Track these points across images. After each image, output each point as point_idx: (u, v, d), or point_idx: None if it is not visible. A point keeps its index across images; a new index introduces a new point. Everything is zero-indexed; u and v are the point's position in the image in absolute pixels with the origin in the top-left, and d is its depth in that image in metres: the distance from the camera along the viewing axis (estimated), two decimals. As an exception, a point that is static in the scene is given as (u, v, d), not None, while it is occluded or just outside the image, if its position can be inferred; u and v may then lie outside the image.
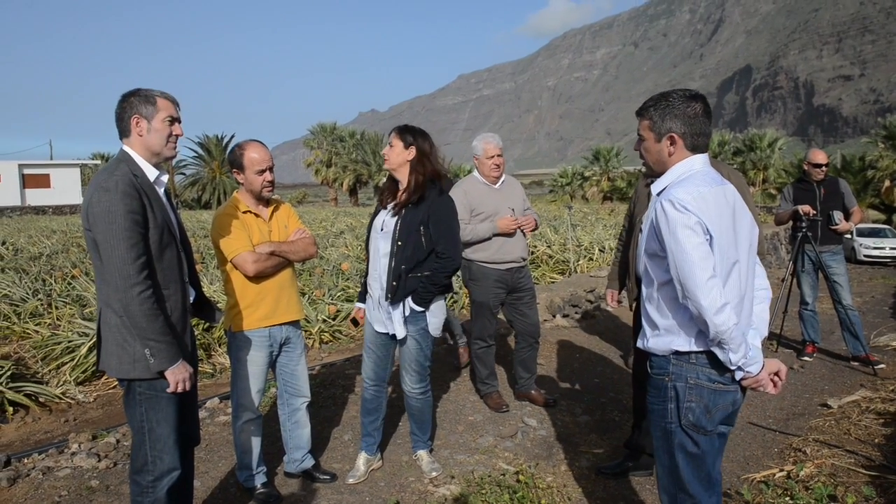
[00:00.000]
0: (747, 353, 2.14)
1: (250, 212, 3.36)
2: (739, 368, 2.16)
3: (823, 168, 5.99)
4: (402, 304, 3.44)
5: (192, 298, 2.76)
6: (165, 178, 2.63)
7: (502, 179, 4.69)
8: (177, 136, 2.61)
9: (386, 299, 3.44)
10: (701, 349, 2.19)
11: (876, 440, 4.11)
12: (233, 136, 46.32)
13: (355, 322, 3.86)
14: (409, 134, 3.48)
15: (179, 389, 2.49)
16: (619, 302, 4.23)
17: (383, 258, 3.46)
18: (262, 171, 3.31)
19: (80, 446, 4.12)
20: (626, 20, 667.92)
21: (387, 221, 3.49)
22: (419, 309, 3.44)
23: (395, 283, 3.39)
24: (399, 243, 3.38)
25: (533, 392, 4.85)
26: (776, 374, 2.26)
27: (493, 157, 4.57)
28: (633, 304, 3.84)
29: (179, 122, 2.62)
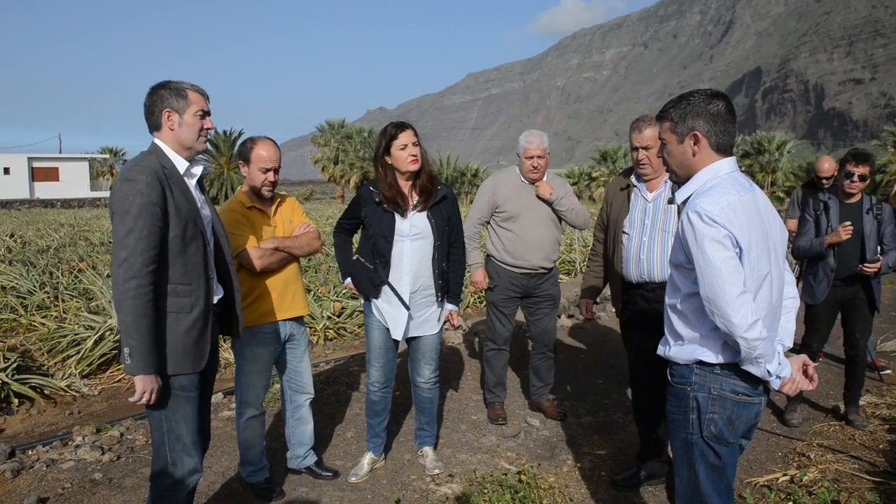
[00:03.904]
0: (780, 359, 2.08)
1: (255, 207, 3.36)
2: (778, 377, 2.08)
3: (826, 180, 5.92)
4: (443, 301, 3.64)
5: (219, 296, 2.67)
6: (198, 169, 2.59)
7: (545, 180, 4.42)
8: (208, 129, 2.57)
9: (437, 300, 3.58)
10: (727, 361, 2.10)
11: (881, 446, 4.10)
12: (241, 132, 46.43)
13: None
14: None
15: (143, 401, 2.36)
16: (594, 312, 4.13)
17: (412, 260, 3.46)
18: (267, 171, 3.30)
19: (84, 439, 4.14)
20: (636, 20, 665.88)
21: (416, 223, 3.47)
22: (454, 307, 3.70)
23: (441, 282, 3.56)
24: (438, 243, 3.50)
25: (545, 403, 4.68)
26: (804, 367, 2.19)
27: (532, 157, 4.29)
28: (620, 310, 3.79)
29: (210, 115, 2.59)
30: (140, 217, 2.31)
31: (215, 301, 2.64)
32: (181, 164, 2.52)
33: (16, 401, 5.01)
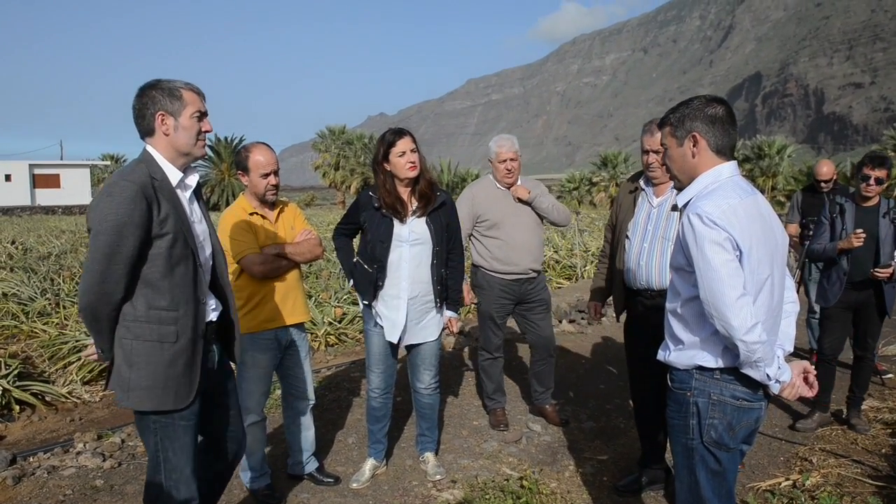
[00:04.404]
0: (780, 364, 2.08)
1: (256, 213, 3.36)
2: (777, 381, 2.08)
3: (825, 184, 5.93)
4: (443, 307, 3.62)
5: (215, 315, 2.47)
6: (193, 180, 2.35)
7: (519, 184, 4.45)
8: (206, 132, 2.34)
9: (436, 305, 3.58)
10: (727, 366, 2.10)
11: (883, 450, 4.09)
12: (242, 139, 46.50)
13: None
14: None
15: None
16: (603, 314, 4.11)
17: (410, 265, 3.46)
18: (267, 175, 3.30)
19: (85, 446, 4.14)
20: (635, 26, 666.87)
21: (415, 228, 3.46)
22: (453, 313, 3.67)
23: (440, 287, 3.55)
24: (437, 248, 3.49)
25: (548, 407, 4.65)
26: (805, 372, 2.19)
27: (505, 160, 4.31)
28: (621, 316, 3.80)
29: (207, 115, 2.34)
30: (114, 239, 2.10)
31: (214, 318, 2.47)
32: (174, 174, 2.28)
33: (17, 407, 5.01)
